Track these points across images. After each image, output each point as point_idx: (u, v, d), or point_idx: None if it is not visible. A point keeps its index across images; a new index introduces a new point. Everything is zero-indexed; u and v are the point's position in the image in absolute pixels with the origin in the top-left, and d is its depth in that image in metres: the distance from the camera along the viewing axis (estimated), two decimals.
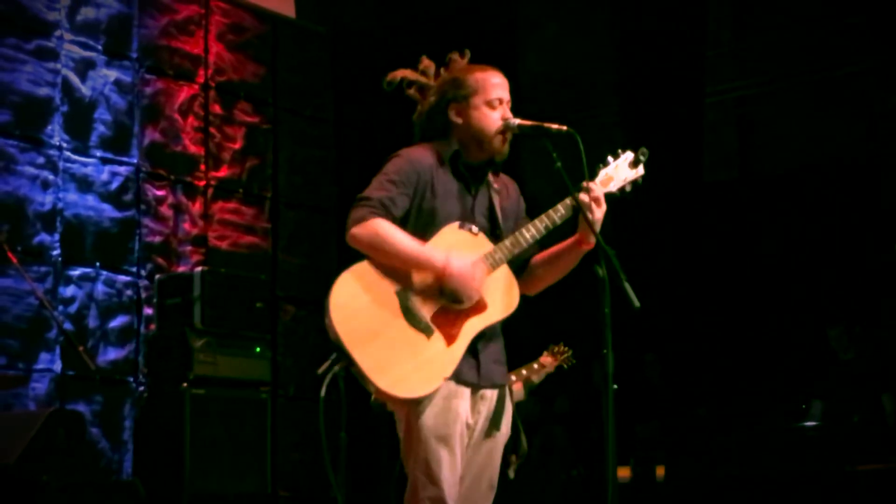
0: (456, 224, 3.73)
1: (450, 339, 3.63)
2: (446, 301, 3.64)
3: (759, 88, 10.50)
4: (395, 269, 3.62)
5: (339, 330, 3.52)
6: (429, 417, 3.60)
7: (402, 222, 3.69)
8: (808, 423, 8.15)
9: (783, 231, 10.00)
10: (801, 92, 10.22)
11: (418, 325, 3.60)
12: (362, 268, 3.63)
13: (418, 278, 3.64)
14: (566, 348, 6.68)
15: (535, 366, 6.61)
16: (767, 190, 10.27)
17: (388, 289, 3.61)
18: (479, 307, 3.68)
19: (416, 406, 3.60)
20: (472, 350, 3.68)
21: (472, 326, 3.67)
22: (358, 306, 3.55)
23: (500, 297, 3.72)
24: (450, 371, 3.61)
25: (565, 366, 6.69)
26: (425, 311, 3.62)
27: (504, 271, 3.75)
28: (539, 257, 3.87)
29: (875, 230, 9.48)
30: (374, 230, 3.61)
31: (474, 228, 3.75)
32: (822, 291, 9.58)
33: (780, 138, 10.38)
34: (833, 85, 10.05)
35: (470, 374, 3.68)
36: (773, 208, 10.10)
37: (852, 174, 9.87)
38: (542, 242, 3.84)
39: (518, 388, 6.45)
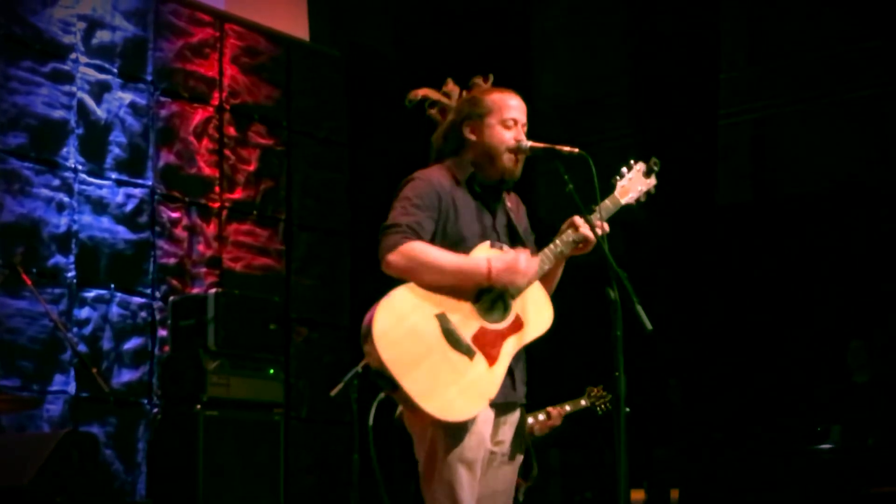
0: (487, 243, 3.77)
1: (491, 359, 3.64)
2: (487, 319, 3.66)
3: (774, 111, 10.49)
4: (432, 292, 3.63)
5: (384, 357, 3.51)
6: (457, 440, 3.60)
7: None
8: (825, 447, 8.11)
9: (798, 253, 9.97)
10: (816, 114, 10.20)
11: (460, 347, 3.60)
12: (399, 294, 3.62)
13: (455, 300, 3.64)
14: (605, 392, 6.34)
15: (542, 416, 6.21)
16: (782, 212, 10.25)
17: (428, 313, 3.60)
18: (517, 326, 3.71)
19: (444, 428, 3.60)
20: (508, 369, 3.71)
21: (512, 345, 3.69)
22: (400, 333, 3.55)
23: (535, 315, 3.74)
24: (494, 392, 3.64)
25: (599, 411, 6.33)
26: (465, 332, 3.62)
27: (536, 288, 3.78)
28: None
29: (891, 252, 9.44)
30: (410, 253, 3.62)
31: (505, 247, 3.79)
32: (839, 314, 9.54)
33: (794, 161, 10.36)
34: (847, 107, 10.04)
35: (507, 391, 3.71)
36: (787, 231, 10.08)
37: (867, 196, 9.85)
38: None
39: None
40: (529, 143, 3.80)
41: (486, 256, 3.66)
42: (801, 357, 9.62)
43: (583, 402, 6.36)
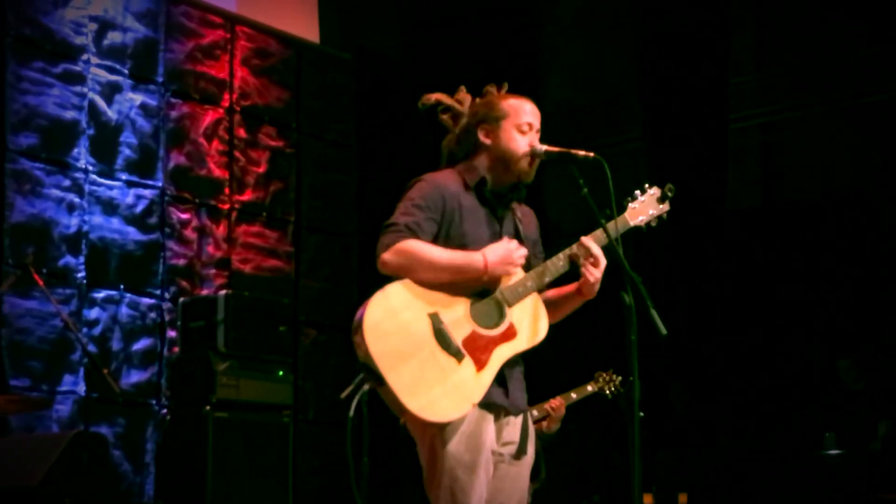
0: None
1: (479, 364, 3.62)
2: (480, 324, 3.65)
3: (783, 115, 10.48)
4: (428, 291, 3.63)
5: (371, 350, 3.51)
6: (454, 444, 3.59)
7: None
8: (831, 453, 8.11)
9: (807, 258, 9.96)
10: (825, 119, 10.19)
11: (449, 348, 3.59)
12: (395, 289, 3.62)
13: (450, 302, 3.64)
14: (615, 375, 6.28)
15: (546, 406, 6.16)
16: (791, 217, 10.24)
17: (421, 311, 3.60)
18: (509, 335, 3.69)
19: (441, 432, 3.59)
20: (500, 376, 3.68)
21: (502, 353, 3.67)
22: (390, 327, 3.55)
23: (528, 326, 3.72)
24: (479, 397, 3.61)
25: (609, 394, 6.27)
26: (457, 334, 3.61)
27: (533, 300, 3.77)
28: (546, 296, 3.87)
29: None
30: (405, 250, 3.63)
31: None
32: (848, 320, 9.53)
33: (803, 166, 10.35)
34: (856, 112, 10.02)
35: (500, 399, 3.69)
36: (796, 236, 10.07)
37: (875, 202, 9.84)
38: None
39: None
40: (545, 148, 3.80)
41: (480, 252, 3.66)
42: (807, 361, 9.62)
43: (589, 388, 6.28)
